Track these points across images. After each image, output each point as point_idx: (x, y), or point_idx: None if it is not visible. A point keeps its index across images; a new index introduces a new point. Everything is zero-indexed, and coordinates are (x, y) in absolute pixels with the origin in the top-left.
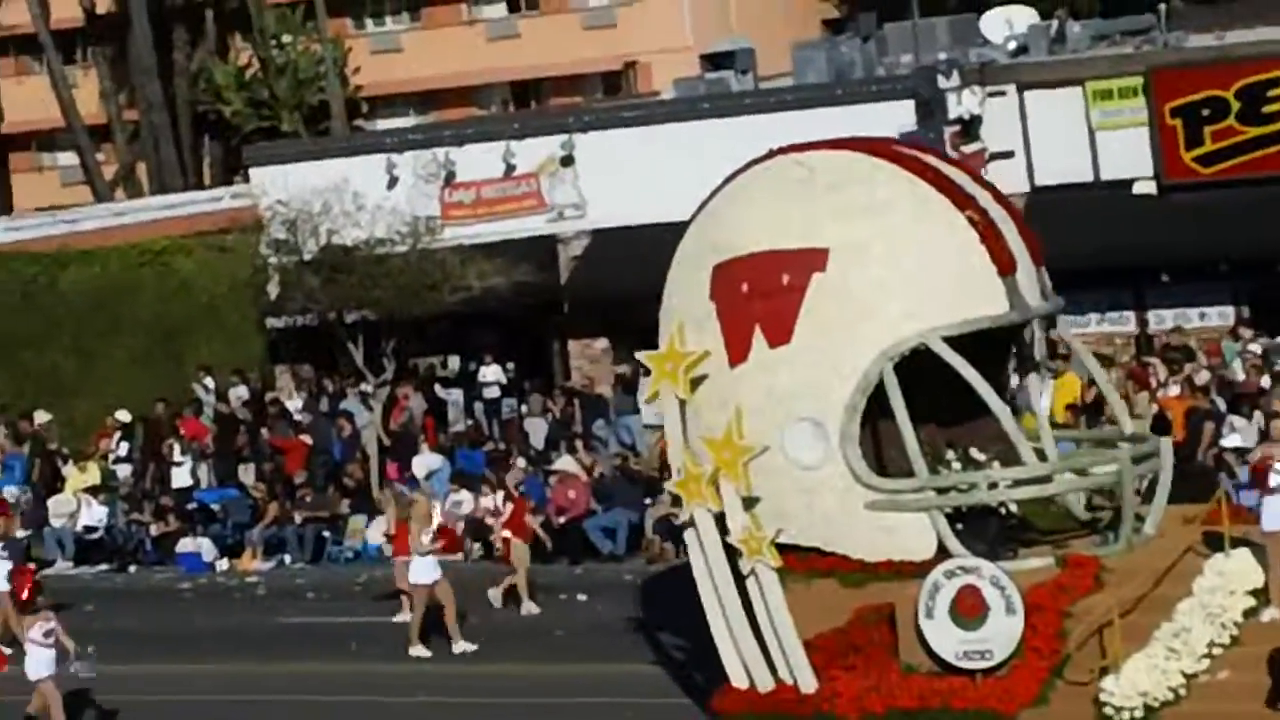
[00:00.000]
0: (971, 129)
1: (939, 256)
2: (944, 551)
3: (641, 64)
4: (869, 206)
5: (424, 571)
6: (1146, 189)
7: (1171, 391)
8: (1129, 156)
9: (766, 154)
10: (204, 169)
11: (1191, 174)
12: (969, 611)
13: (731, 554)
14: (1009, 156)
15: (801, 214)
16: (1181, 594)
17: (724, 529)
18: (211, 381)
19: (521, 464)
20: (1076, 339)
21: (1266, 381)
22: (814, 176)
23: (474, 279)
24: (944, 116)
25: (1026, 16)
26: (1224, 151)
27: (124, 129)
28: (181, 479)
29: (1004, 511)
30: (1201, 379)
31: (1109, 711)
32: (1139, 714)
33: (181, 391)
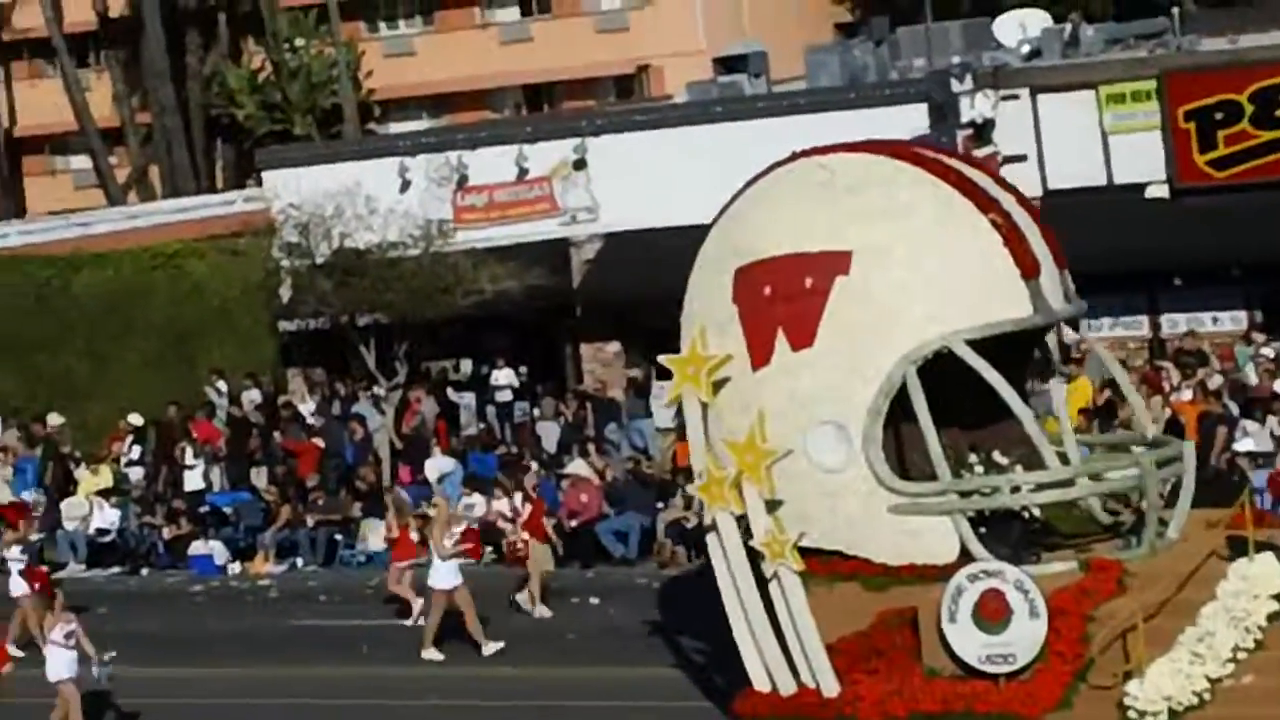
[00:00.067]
0: (984, 133)
1: (962, 259)
2: (967, 555)
3: (654, 67)
4: (892, 209)
5: (445, 576)
6: (1159, 193)
7: (1184, 396)
8: (1142, 160)
9: (789, 157)
10: (216, 172)
11: (1205, 178)
12: (992, 615)
13: (753, 557)
14: (1022, 160)
15: (824, 217)
16: (1205, 598)
17: (746, 532)
18: (224, 385)
19: (534, 467)
20: (1099, 343)
21: (1279, 386)
22: (836, 179)
23: (486, 282)
24: (957, 120)
25: (1040, 20)
26: (1237, 155)
27: (137, 132)
28: (194, 482)
29: (1027, 515)
30: (1214, 383)
31: (1133, 716)
32: (1163, 718)
33: (194, 395)
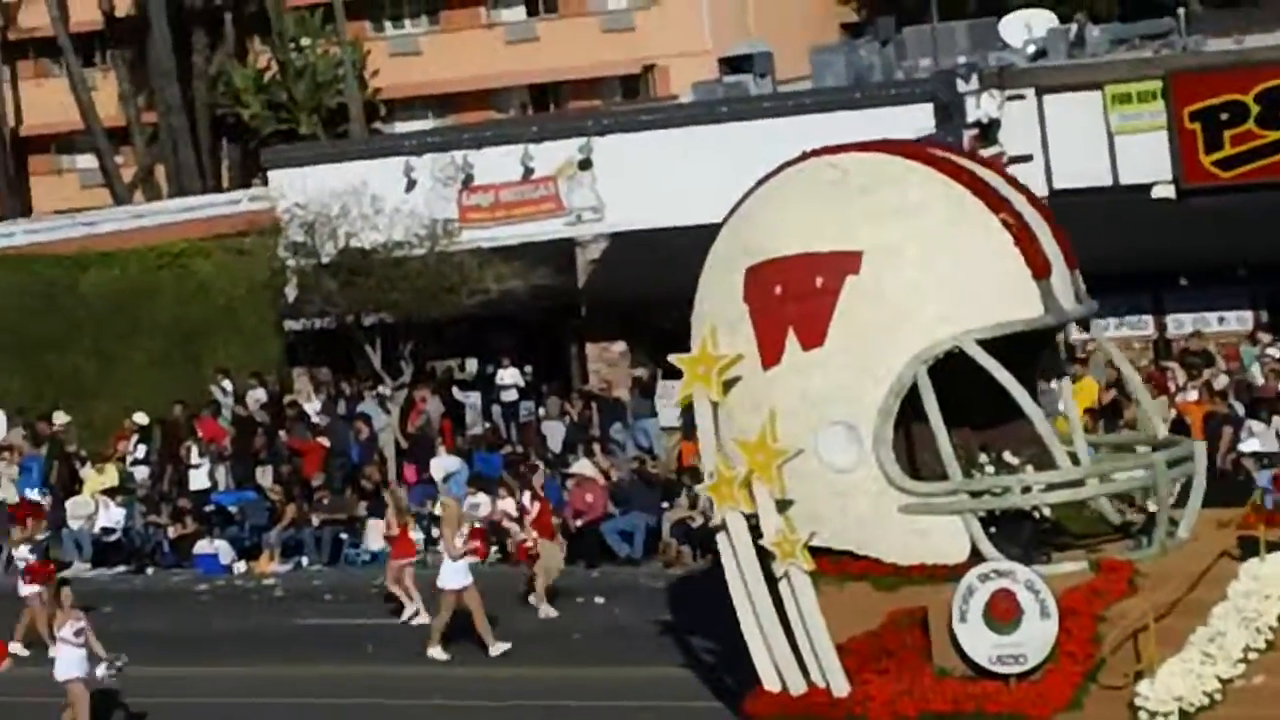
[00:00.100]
0: (990, 133)
1: (973, 259)
2: (977, 555)
3: (660, 67)
4: (903, 209)
5: (454, 576)
6: (1165, 193)
7: (1190, 396)
8: (1148, 160)
9: (800, 156)
10: (222, 172)
11: (1210, 178)
12: (1003, 615)
13: (764, 557)
14: (1027, 160)
15: (835, 216)
16: (1216, 598)
17: (756, 532)
18: (229, 384)
19: (539, 467)
20: (1112, 344)
21: None
22: (847, 179)
23: (492, 282)
24: (962, 120)
25: (1045, 20)
26: (1243, 155)
27: (143, 132)
28: (199, 481)
29: (1037, 515)
30: (1220, 383)
31: (1144, 716)
32: (1174, 719)
33: (199, 394)
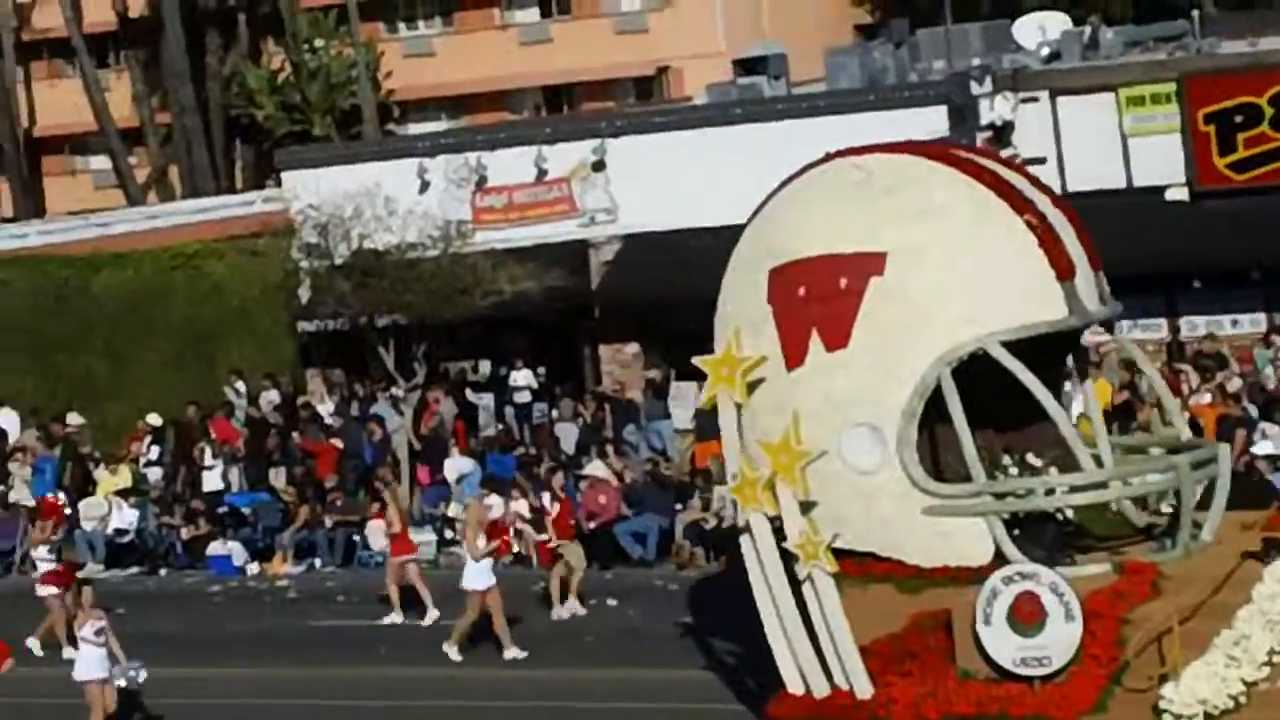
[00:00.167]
0: (1004, 135)
1: (997, 260)
2: (1000, 557)
3: (674, 69)
4: (927, 210)
5: (478, 577)
6: (1179, 195)
7: (1203, 398)
8: (1162, 163)
9: (823, 157)
10: (236, 173)
11: (1224, 180)
12: (1027, 618)
13: (787, 559)
14: (1041, 163)
15: (859, 217)
16: (1241, 601)
17: (780, 534)
18: (243, 385)
19: (546, 467)
20: (1135, 346)
21: None
22: (871, 180)
23: (505, 283)
24: (976, 122)
25: (1059, 22)
26: (1257, 158)
27: (156, 133)
28: (212, 482)
29: (1060, 518)
30: (1234, 386)
31: (1168, 719)
32: None
33: (213, 395)
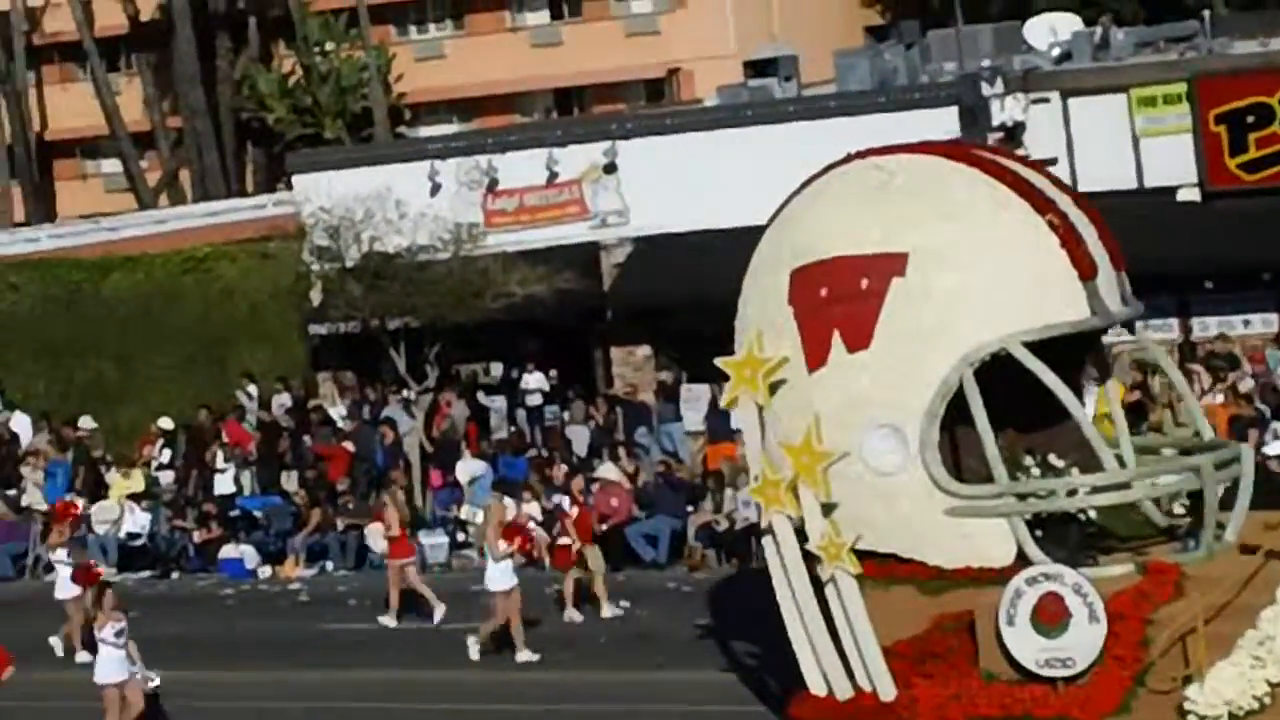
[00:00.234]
0: (1015, 136)
1: (1019, 261)
2: (1023, 558)
3: (685, 71)
4: (948, 210)
5: (500, 578)
6: (1190, 196)
7: (1215, 399)
8: (1173, 163)
9: (844, 158)
10: (247, 176)
11: (1235, 181)
12: (1051, 619)
13: (809, 560)
14: (1052, 164)
15: (880, 218)
16: (1265, 601)
17: (802, 535)
18: (254, 388)
19: (564, 471)
20: (1160, 347)
21: None
22: (892, 180)
23: (516, 286)
24: (987, 123)
25: (1070, 23)
26: (1268, 158)
27: (167, 136)
28: (224, 486)
29: (1083, 518)
30: (1245, 386)
31: None
32: None
33: (224, 398)
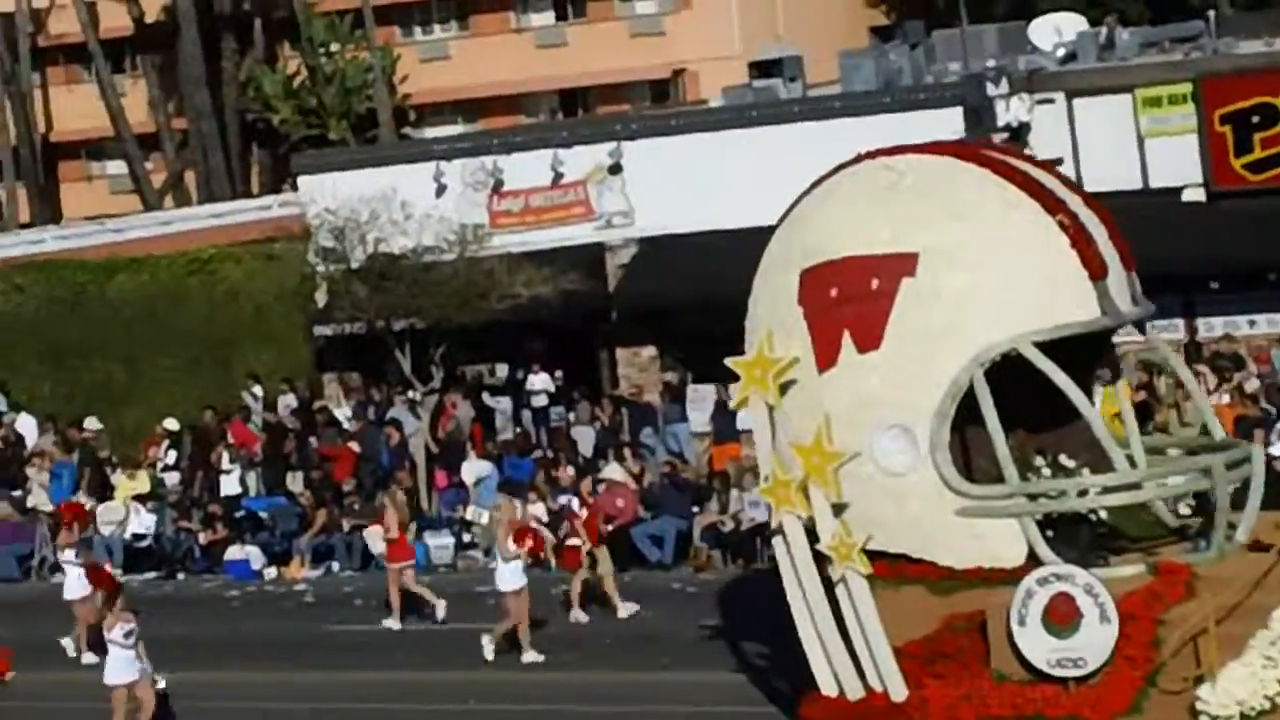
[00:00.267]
0: (1020, 136)
1: (1029, 261)
2: (1034, 559)
3: (690, 72)
4: (958, 211)
5: (511, 578)
6: (1196, 196)
7: (1221, 400)
8: (1178, 163)
9: (854, 158)
10: (252, 177)
11: (1241, 181)
12: (1062, 619)
13: (820, 560)
14: (1058, 164)
15: (890, 218)
16: (1276, 602)
17: (813, 535)
18: (260, 390)
19: (570, 472)
20: (1168, 346)
21: None
22: (902, 180)
23: (522, 287)
24: (992, 124)
25: (1075, 23)
26: (1274, 159)
27: (172, 137)
28: (230, 487)
29: (1094, 519)
30: (1251, 387)
31: None
32: None
33: (230, 399)
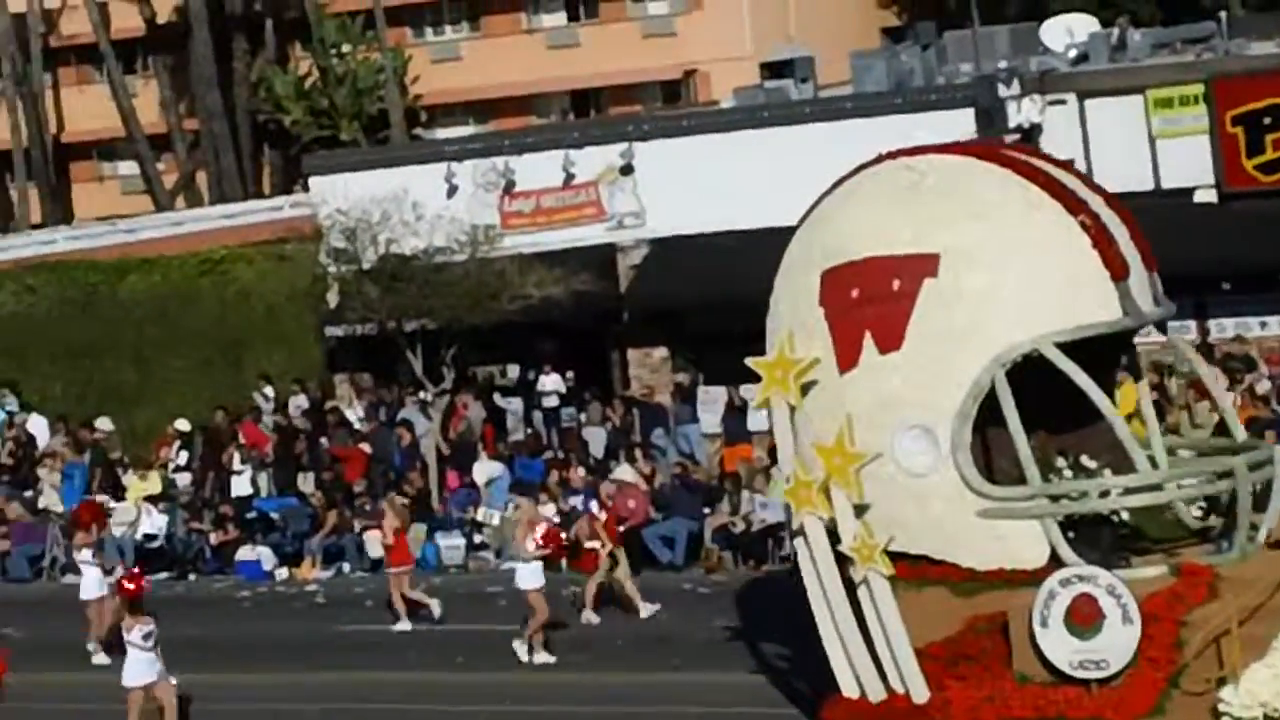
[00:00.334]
0: (1032, 137)
1: (1051, 261)
2: (1056, 560)
3: (701, 72)
4: (980, 211)
5: (531, 577)
6: (1207, 197)
7: (1233, 401)
8: (1190, 165)
9: (875, 158)
10: (263, 178)
11: (1252, 182)
12: (1084, 620)
13: (842, 562)
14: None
15: (912, 219)
16: None
17: (834, 537)
18: (271, 390)
19: (581, 473)
20: (1189, 346)
21: None
22: (924, 181)
23: (533, 288)
24: (1004, 125)
25: (1087, 24)
26: None
27: (184, 138)
28: (241, 488)
29: (1116, 520)
30: (1262, 388)
31: None
32: None
33: (241, 400)
